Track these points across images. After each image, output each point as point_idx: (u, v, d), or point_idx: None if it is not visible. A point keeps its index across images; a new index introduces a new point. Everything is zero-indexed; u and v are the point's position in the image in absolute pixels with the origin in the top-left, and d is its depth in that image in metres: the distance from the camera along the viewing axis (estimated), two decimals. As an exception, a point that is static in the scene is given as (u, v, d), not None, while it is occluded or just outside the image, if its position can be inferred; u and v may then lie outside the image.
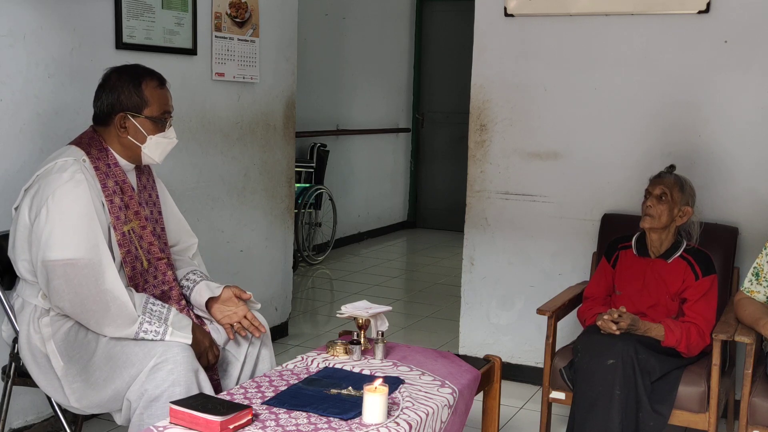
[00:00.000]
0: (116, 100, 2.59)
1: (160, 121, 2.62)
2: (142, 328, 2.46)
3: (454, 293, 5.31)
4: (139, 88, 2.59)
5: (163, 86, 2.65)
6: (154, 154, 2.65)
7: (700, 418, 3.01)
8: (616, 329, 2.96)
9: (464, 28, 6.97)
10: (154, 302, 2.54)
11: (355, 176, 7.88)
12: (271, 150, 4.51)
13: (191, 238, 2.95)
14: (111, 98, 2.59)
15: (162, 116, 2.63)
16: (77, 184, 2.47)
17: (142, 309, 2.49)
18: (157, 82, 2.64)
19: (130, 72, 2.63)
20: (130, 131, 2.60)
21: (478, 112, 4.09)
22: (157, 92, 2.62)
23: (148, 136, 2.61)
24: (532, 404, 3.84)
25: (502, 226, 4.09)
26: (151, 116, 2.61)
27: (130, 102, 2.59)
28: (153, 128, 2.61)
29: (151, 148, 2.63)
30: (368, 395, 2.18)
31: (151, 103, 2.60)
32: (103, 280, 2.43)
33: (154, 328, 2.46)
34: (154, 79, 2.64)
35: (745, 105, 3.58)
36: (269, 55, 4.42)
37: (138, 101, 2.59)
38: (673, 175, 3.20)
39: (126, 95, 2.58)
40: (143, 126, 2.60)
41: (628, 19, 3.76)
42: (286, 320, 4.84)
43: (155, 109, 2.61)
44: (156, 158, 2.66)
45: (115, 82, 2.60)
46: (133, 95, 2.58)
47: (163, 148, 2.66)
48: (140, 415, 2.38)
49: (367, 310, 2.76)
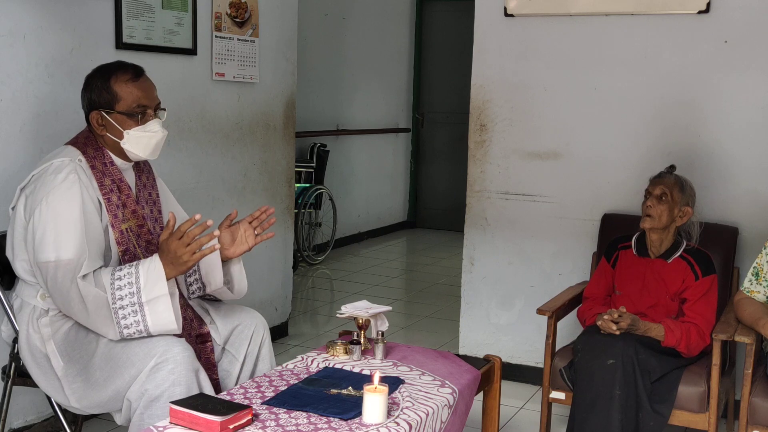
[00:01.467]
0: (90, 98, 2.59)
1: (135, 115, 2.57)
2: (123, 324, 2.41)
3: (454, 293, 5.31)
4: (107, 84, 2.56)
5: (138, 78, 2.59)
6: (137, 149, 2.59)
7: (700, 418, 3.01)
8: (616, 329, 2.96)
9: (464, 28, 6.98)
10: (120, 277, 2.43)
11: (355, 176, 7.88)
12: (271, 150, 4.51)
13: None
14: (86, 97, 2.60)
15: (137, 109, 2.57)
16: (71, 186, 2.46)
17: (110, 283, 2.41)
18: (130, 75, 2.58)
19: (103, 69, 2.61)
20: (108, 128, 2.58)
21: (478, 112, 4.09)
22: (129, 86, 2.57)
23: (124, 131, 2.57)
24: (532, 404, 3.84)
25: (502, 226, 4.09)
26: (124, 111, 2.56)
27: (100, 99, 2.57)
28: (129, 122, 2.57)
29: (131, 143, 2.58)
30: (368, 395, 2.18)
31: (121, 97, 2.56)
32: (80, 278, 2.41)
33: (131, 319, 2.40)
34: (127, 72, 2.59)
35: (745, 105, 3.58)
36: (269, 55, 4.42)
37: (108, 97, 2.56)
38: (673, 176, 3.20)
39: (96, 93, 2.57)
40: (118, 122, 2.56)
41: (628, 19, 3.76)
42: (286, 320, 4.84)
43: (128, 102, 2.56)
44: (140, 153, 2.60)
45: (89, 81, 2.60)
46: (102, 92, 2.56)
47: (146, 142, 2.60)
48: (140, 415, 2.38)
49: (367, 310, 2.76)
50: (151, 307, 2.42)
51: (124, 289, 2.42)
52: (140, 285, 2.41)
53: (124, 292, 2.41)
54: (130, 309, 2.41)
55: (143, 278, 2.41)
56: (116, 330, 2.43)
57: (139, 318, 2.42)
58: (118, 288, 2.42)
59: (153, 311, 2.42)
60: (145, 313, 2.41)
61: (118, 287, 2.42)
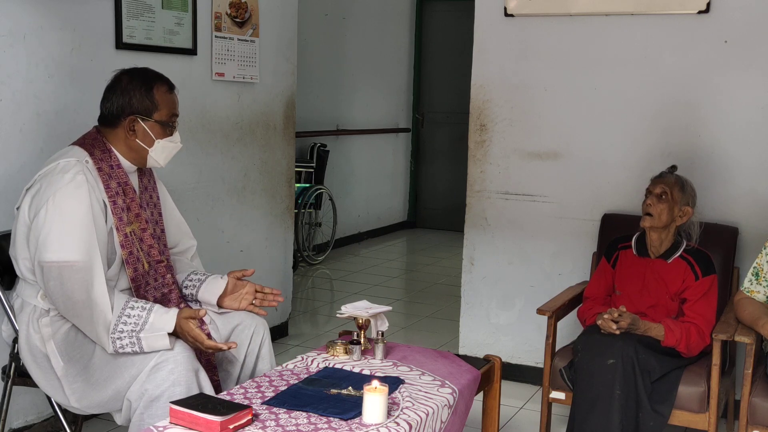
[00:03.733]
0: (127, 102, 2.59)
1: (169, 126, 2.65)
2: (117, 345, 2.45)
3: (454, 293, 5.31)
4: (151, 92, 2.60)
5: (172, 91, 2.68)
6: (160, 158, 2.67)
7: (700, 418, 3.01)
8: (616, 329, 2.96)
9: (464, 28, 6.97)
10: (134, 307, 2.49)
11: (355, 176, 7.88)
12: (271, 150, 4.51)
13: (190, 241, 2.96)
14: (122, 100, 2.60)
15: (170, 120, 2.65)
16: (78, 186, 2.47)
17: (119, 312, 2.46)
18: (167, 87, 2.66)
19: (142, 75, 2.64)
20: (139, 134, 2.61)
21: (478, 112, 4.09)
22: (167, 97, 2.64)
23: (156, 140, 2.63)
24: (532, 404, 3.84)
25: (502, 226, 4.09)
26: (161, 120, 2.62)
27: (141, 105, 2.60)
28: (161, 132, 2.63)
29: (157, 152, 2.65)
30: (368, 395, 2.18)
31: (161, 108, 2.62)
32: (92, 285, 2.43)
33: (126, 341, 2.44)
34: (165, 83, 2.66)
35: (745, 105, 3.58)
36: (269, 55, 4.42)
37: (149, 105, 2.60)
38: (674, 175, 3.20)
39: (138, 98, 2.59)
40: (152, 130, 2.62)
41: (628, 19, 3.76)
42: (286, 320, 4.84)
43: (164, 113, 2.63)
44: (161, 162, 2.68)
45: (127, 85, 2.61)
46: (144, 99, 2.60)
47: (168, 153, 2.69)
48: (140, 415, 2.39)
49: (367, 310, 2.76)
50: (146, 338, 2.46)
51: (128, 325, 2.46)
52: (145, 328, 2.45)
53: (128, 328, 2.45)
54: (127, 340, 2.45)
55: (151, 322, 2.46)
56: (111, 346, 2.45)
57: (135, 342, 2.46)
58: (123, 322, 2.46)
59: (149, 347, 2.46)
60: (142, 342, 2.45)
61: (123, 321, 2.46)
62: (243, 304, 2.78)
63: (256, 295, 2.79)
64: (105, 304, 2.44)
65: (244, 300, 2.78)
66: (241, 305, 2.78)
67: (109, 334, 2.44)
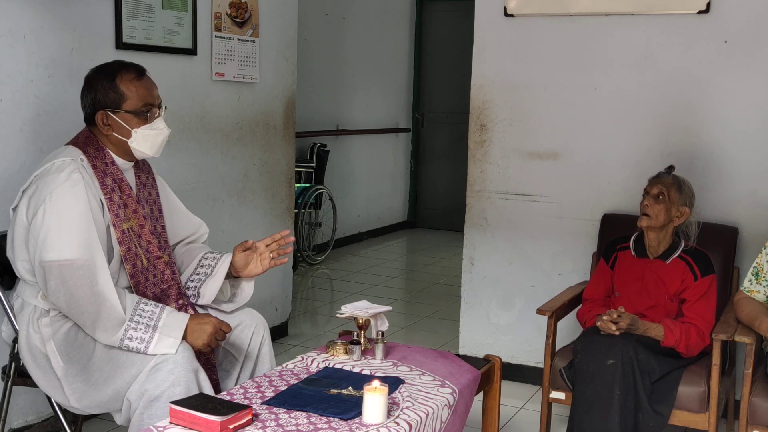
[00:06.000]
0: (94, 98, 2.58)
1: (143, 114, 2.59)
2: (127, 335, 2.44)
3: (454, 293, 5.31)
4: (113, 83, 2.56)
5: (142, 77, 2.61)
6: (144, 147, 2.61)
7: (700, 418, 3.01)
8: (615, 329, 2.96)
9: (464, 28, 6.98)
10: (147, 303, 2.52)
11: (355, 176, 7.88)
12: (271, 150, 4.51)
13: (202, 227, 2.99)
14: (90, 98, 2.59)
15: (144, 108, 2.59)
16: (74, 184, 2.47)
17: (132, 310, 2.47)
18: (134, 74, 2.60)
19: (105, 68, 2.61)
20: (114, 128, 2.58)
21: (478, 112, 4.09)
22: (135, 84, 2.58)
23: (132, 130, 2.58)
24: (532, 404, 3.84)
25: (502, 226, 4.09)
26: (132, 110, 2.58)
27: (107, 98, 2.56)
28: (136, 121, 2.58)
29: (138, 142, 2.60)
30: (368, 395, 2.18)
31: (129, 97, 2.57)
32: (96, 282, 2.43)
33: (140, 335, 2.44)
34: (130, 71, 2.60)
35: (745, 105, 3.58)
36: (269, 55, 4.42)
37: (115, 96, 2.56)
38: (671, 176, 3.20)
39: (102, 92, 2.56)
40: (125, 121, 2.57)
41: (628, 19, 3.76)
42: (286, 320, 4.84)
43: (135, 101, 2.58)
44: (147, 151, 2.63)
45: (92, 81, 2.60)
46: (108, 91, 2.56)
47: (152, 140, 2.62)
48: (140, 415, 2.39)
49: (367, 310, 2.76)
50: (161, 335, 2.45)
51: (145, 315, 2.47)
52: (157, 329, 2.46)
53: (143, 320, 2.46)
54: (141, 333, 2.44)
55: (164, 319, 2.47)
56: (116, 337, 2.44)
57: (146, 338, 2.44)
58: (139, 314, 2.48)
59: (160, 342, 2.45)
60: (153, 338, 2.44)
61: (139, 314, 2.47)
62: (264, 264, 2.81)
63: (270, 249, 2.81)
64: (113, 298, 2.44)
65: (263, 260, 2.81)
66: (263, 265, 2.81)
67: (120, 326, 2.43)
